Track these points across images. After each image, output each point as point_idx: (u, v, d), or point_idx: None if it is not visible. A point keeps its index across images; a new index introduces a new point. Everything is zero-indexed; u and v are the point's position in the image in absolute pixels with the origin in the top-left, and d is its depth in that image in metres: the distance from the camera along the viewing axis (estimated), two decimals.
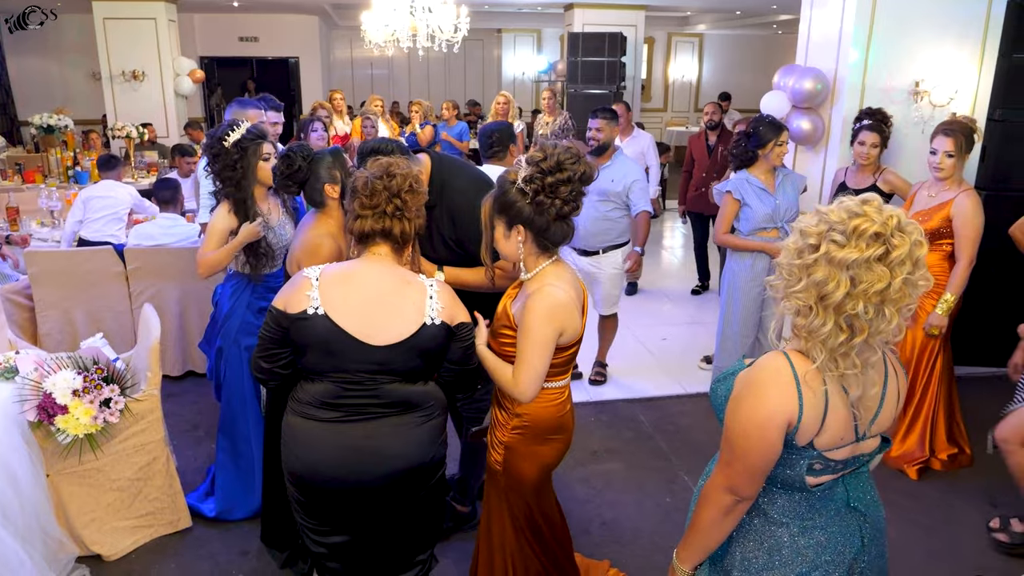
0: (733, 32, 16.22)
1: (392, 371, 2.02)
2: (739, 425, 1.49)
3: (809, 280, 1.40)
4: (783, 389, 1.45)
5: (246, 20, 13.49)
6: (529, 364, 2.09)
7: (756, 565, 1.62)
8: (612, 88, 9.75)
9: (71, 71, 13.05)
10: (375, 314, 2.00)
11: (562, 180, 2.06)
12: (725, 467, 1.54)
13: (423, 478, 2.13)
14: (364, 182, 2.04)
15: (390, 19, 6.99)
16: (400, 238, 2.08)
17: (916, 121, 4.56)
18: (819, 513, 1.60)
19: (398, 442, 2.05)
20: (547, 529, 2.46)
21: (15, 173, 7.84)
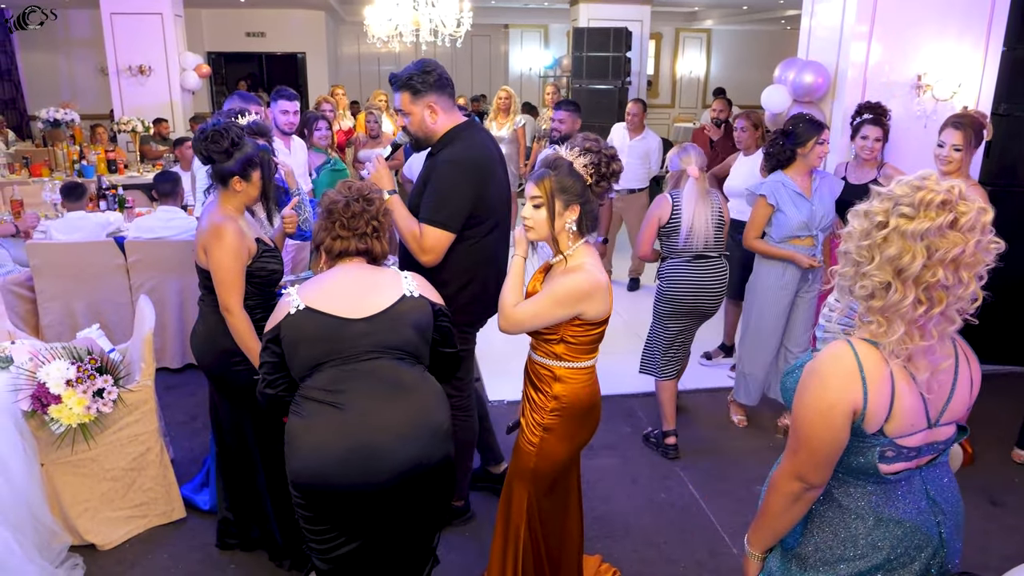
0: (741, 27, 16.13)
1: (381, 344, 2.06)
2: (804, 413, 1.51)
3: (883, 257, 1.41)
4: (846, 376, 1.46)
5: (253, 15, 13.52)
6: (536, 308, 2.23)
7: (831, 555, 1.62)
8: (617, 83, 9.71)
9: (79, 66, 13.11)
10: (353, 294, 2.11)
11: (615, 170, 2.29)
12: (792, 455, 1.56)
13: (433, 475, 2.12)
14: (345, 205, 2.16)
15: (393, 13, 6.99)
16: (377, 256, 2.22)
17: (918, 115, 4.53)
18: (896, 505, 1.59)
19: (391, 432, 2.02)
20: (557, 521, 2.50)
21: (22, 167, 7.89)
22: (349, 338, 2.04)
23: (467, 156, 2.73)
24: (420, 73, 2.70)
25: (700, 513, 3.41)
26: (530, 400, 2.39)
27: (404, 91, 2.72)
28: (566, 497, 2.53)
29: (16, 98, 13.06)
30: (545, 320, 2.23)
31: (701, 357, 5.08)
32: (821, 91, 4.73)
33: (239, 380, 2.66)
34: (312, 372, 2.06)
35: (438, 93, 2.72)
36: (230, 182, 2.66)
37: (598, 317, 2.26)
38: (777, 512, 1.63)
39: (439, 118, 2.74)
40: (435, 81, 2.71)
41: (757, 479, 3.65)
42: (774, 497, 1.62)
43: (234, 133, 2.65)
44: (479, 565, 2.97)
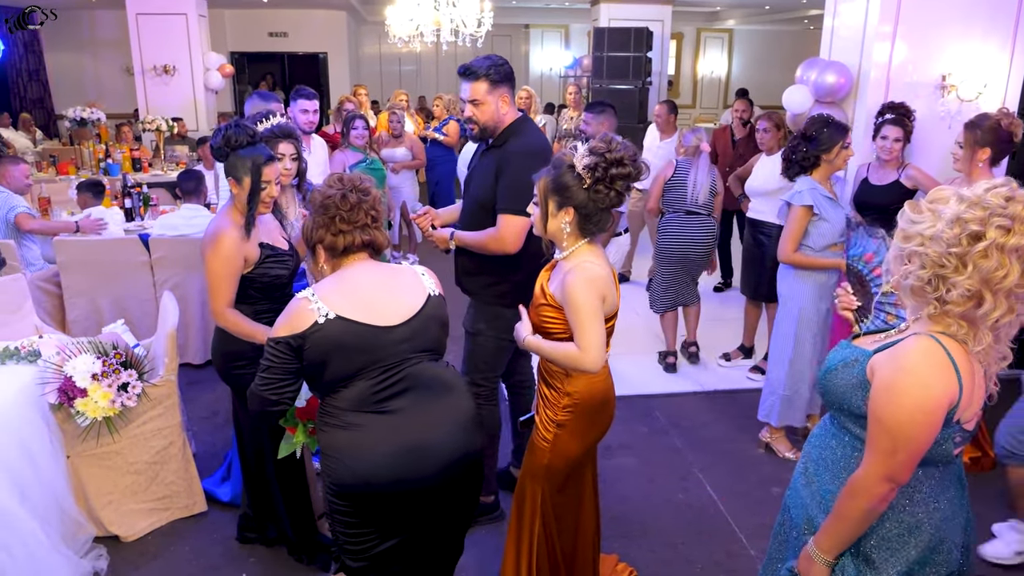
0: (763, 27, 16.04)
1: (418, 348, 2.05)
2: (905, 414, 1.49)
3: (977, 268, 1.42)
4: (944, 372, 1.48)
5: (275, 15, 13.65)
6: (590, 332, 2.17)
7: (895, 544, 1.64)
8: (637, 84, 9.69)
9: (105, 66, 13.31)
10: (382, 299, 2.04)
11: (622, 174, 2.18)
12: (886, 457, 1.52)
13: (475, 466, 2.17)
14: (342, 198, 2.06)
15: (414, 13, 7.02)
16: (380, 247, 2.15)
17: (942, 116, 4.48)
18: (946, 487, 1.65)
19: (446, 430, 2.05)
20: (571, 518, 2.50)
21: (49, 165, 8.02)
22: (390, 345, 1.99)
23: (539, 147, 2.90)
24: (496, 65, 2.84)
25: (717, 514, 3.40)
26: (543, 397, 2.39)
27: (481, 80, 2.82)
28: (580, 494, 2.53)
29: (44, 97, 13.28)
30: (601, 329, 2.19)
31: (720, 358, 5.06)
32: (843, 91, 4.69)
33: (241, 383, 2.59)
34: (348, 382, 1.99)
35: (509, 86, 2.88)
36: (229, 182, 2.68)
37: (608, 313, 2.25)
38: (863, 516, 1.60)
39: (508, 109, 2.89)
40: (508, 73, 2.87)
41: (775, 481, 3.65)
42: (862, 502, 1.58)
43: (231, 134, 2.61)
44: (495, 562, 2.98)
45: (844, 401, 1.66)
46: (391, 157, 7.09)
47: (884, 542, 1.64)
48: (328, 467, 2.03)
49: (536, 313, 2.34)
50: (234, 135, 2.62)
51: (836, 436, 1.74)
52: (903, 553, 1.63)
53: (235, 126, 2.64)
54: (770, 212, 4.54)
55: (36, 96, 13.14)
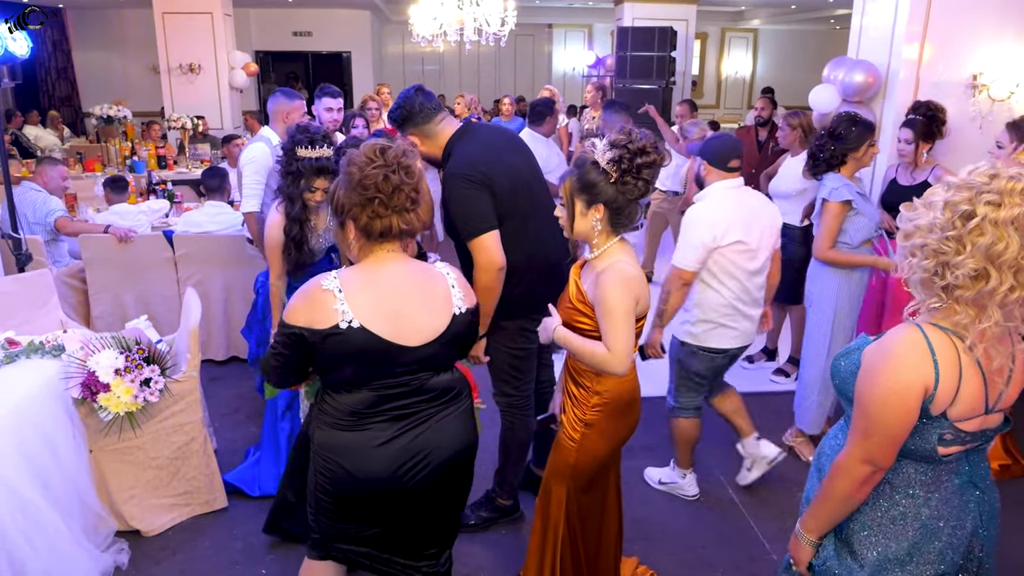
0: (788, 27, 15.89)
1: (432, 365, 2.00)
2: (878, 394, 1.52)
3: (976, 247, 1.42)
4: (920, 358, 1.50)
5: (300, 15, 13.74)
6: (620, 335, 2.15)
7: (877, 535, 1.66)
8: (661, 83, 9.64)
9: (132, 64, 13.48)
10: (408, 315, 1.92)
11: (647, 163, 2.16)
12: (863, 439, 1.57)
13: (469, 463, 2.17)
14: (384, 178, 1.86)
15: (438, 12, 7.03)
16: (419, 229, 2.00)
17: (973, 116, 4.40)
18: (942, 486, 1.63)
19: (448, 434, 2.04)
20: (596, 519, 2.49)
21: (76, 162, 8.12)
22: (403, 363, 1.93)
23: (459, 165, 2.72)
24: (395, 109, 2.78)
25: (739, 517, 3.36)
26: (571, 396, 2.37)
27: (401, 128, 2.81)
28: (604, 496, 2.51)
29: (72, 95, 13.47)
30: (632, 332, 2.17)
31: (743, 360, 5.00)
32: (872, 91, 4.62)
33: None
34: (352, 388, 1.95)
35: (412, 126, 2.77)
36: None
37: (643, 311, 2.24)
38: (843, 497, 1.64)
39: (428, 143, 2.79)
40: (402, 117, 2.76)
41: (798, 484, 3.59)
42: (841, 482, 1.62)
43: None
44: (515, 563, 2.96)
45: (845, 387, 1.69)
46: None
47: (864, 528, 1.67)
48: (323, 466, 1.99)
49: (566, 311, 2.31)
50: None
51: (843, 427, 1.77)
52: (882, 543, 1.65)
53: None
54: (793, 214, 4.48)
55: (64, 94, 13.34)
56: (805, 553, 1.75)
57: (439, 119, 2.79)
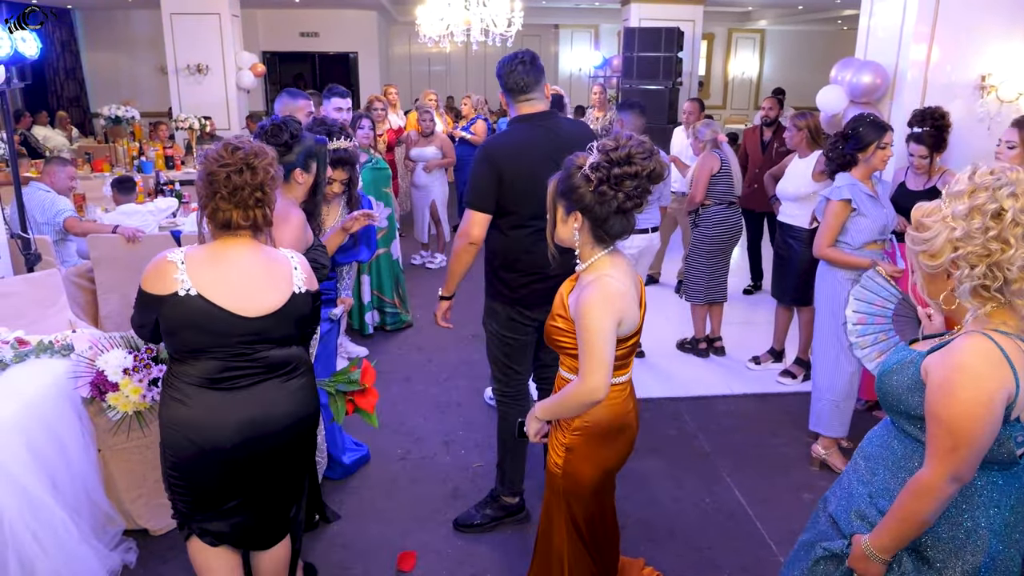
0: (795, 28, 15.85)
1: (269, 339, 2.14)
2: (962, 409, 1.49)
3: (1019, 237, 1.46)
4: (999, 366, 1.49)
5: (307, 15, 13.77)
6: (595, 357, 2.03)
7: (952, 546, 1.63)
8: (668, 84, 9.62)
9: (140, 65, 13.54)
10: (248, 289, 2.09)
11: (628, 174, 2.01)
12: (949, 455, 1.52)
13: (308, 432, 2.31)
14: (226, 177, 2.03)
15: (445, 13, 7.04)
16: (262, 222, 2.13)
17: (981, 117, 4.39)
18: (1010, 492, 1.62)
19: (285, 401, 2.18)
20: (602, 532, 2.42)
21: (85, 162, 8.16)
22: (238, 335, 2.07)
23: (492, 143, 2.94)
24: (499, 76, 2.95)
25: (746, 519, 3.35)
26: (556, 419, 2.28)
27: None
28: (608, 502, 2.46)
29: (80, 96, 13.53)
30: (610, 355, 2.04)
31: (749, 361, 5.00)
32: (879, 92, 4.61)
33: None
34: (191, 357, 2.09)
35: (508, 93, 2.93)
36: (292, 175, 2.72)
37: (626, 333, 2.11)
38: (927, 519, 1.59)
39: (509, 112, 3.01)
40: (505, 84, 2.92)
41: (805, 487, 3.59)
42: (927, 503, 1.57)
43: (292, 127, 2.71)
44: (520, 564, 2.96)
45: (900, 403, 1.66)
46: (421, 156, 7.11)
47: (940, 543, 1.63)
48: (170, 441, 2.13)
49: (551, 324, 2.23)
50: (295, 128, 2.71)
51: (897, 437, 1.74)
52: (962, 555, 1.61)
53: (286, 121, 2.73)
54: (801, 216, 4.48)
55: (72, 94, 13.39)
56: (878, 572, 1.69)
57: (524, 97, 2.90)
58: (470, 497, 3.46)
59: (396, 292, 5.58)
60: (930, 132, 3.92)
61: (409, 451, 3.88)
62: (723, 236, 4.95)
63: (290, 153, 2.69)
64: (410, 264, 7.33)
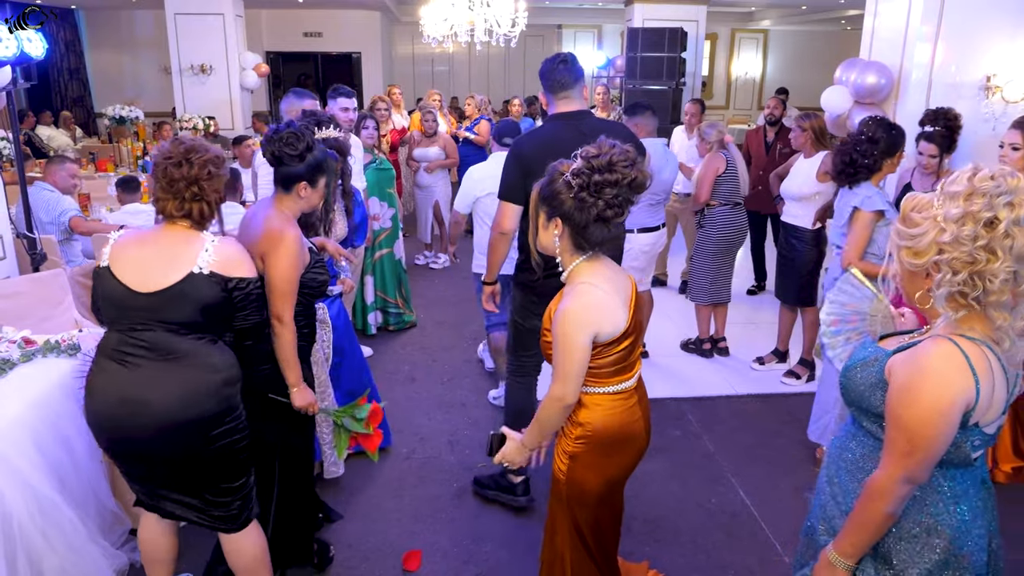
0: (799, 28, 15.85)
1: (165, 320, 2.17)
2: (920, 414, 1.49)
3: (1008, 250, 1.43)
4: (960, 373, 1.48)
5: (310, 15, 13.78)
6: (562, 368, 2.07)
7: (915, 546, 1.63)
8: (671, 84, 9.62)
9: (143, 65, 13.56)
10: (149, 265, 2.17)
11: (609, 181, 1.99)
12: (904, 458, 1.53)
13: (192, 433, 2.20)
14: (163, 169, 2.18)
15: (448, 13, 7.04)
16: (199, 217, 2.23)
17: (986, 117, 4.39)
18: (967, 490, 1.63)
19: (163, 390, 2.17)
20: (609, 538, 2.43)
21: (89, 162, 8.18)
22: (132, 309, 2.17)
23: (522, 138, 3.16)
24: (542, 75, 3.13)
25: (751, 519, 3.36)
26: (561, 428, 2.26)
27: None
28: (616, 509, 2.46)
29: (84, 96, 13.55)
30: (577, 365, 2.05)
31: (753, 362, 5.00)
32: (884, 92, 4.62)
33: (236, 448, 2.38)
34: (106, 329, 2.27)
35: (548, 91, 3.13)
36: (295, 187, 2.54)
37: (610, 336, 2.08)
38: (883, 520, 1.60)
39: (549, 110, 3.19)
40: (546, 82, 3.12)
41: (809, 487, 3.58)
42: (882, 504, 1.58)
43: (308, 138, 2.56)
44: (527, 560, 2.97)
45: (862, 400, 1.67)
46: (424, 157, 7.12)
47: (902, 543, 1.64)
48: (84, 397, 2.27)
49: (542, 339, 2.22)
50: (311, 139, 2.57)
51: (855, 436, 1.75)
52: (923, 555, 1.62)
53: (303, 130, 2.58)
54: (805, 216, 4.48)
55: (76, 95, 13.41)
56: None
57: (563, 95, 3.08)
58: (475, 497, 3.47)
59: (399, 292, 5.59)
60: (941, 132, 3.92)
61: (414, 450, 3.89)
62: (728, 237, 4.94)
63: (300, 163, 2.52)
64: (414, 264, 7.33)
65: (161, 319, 2.17)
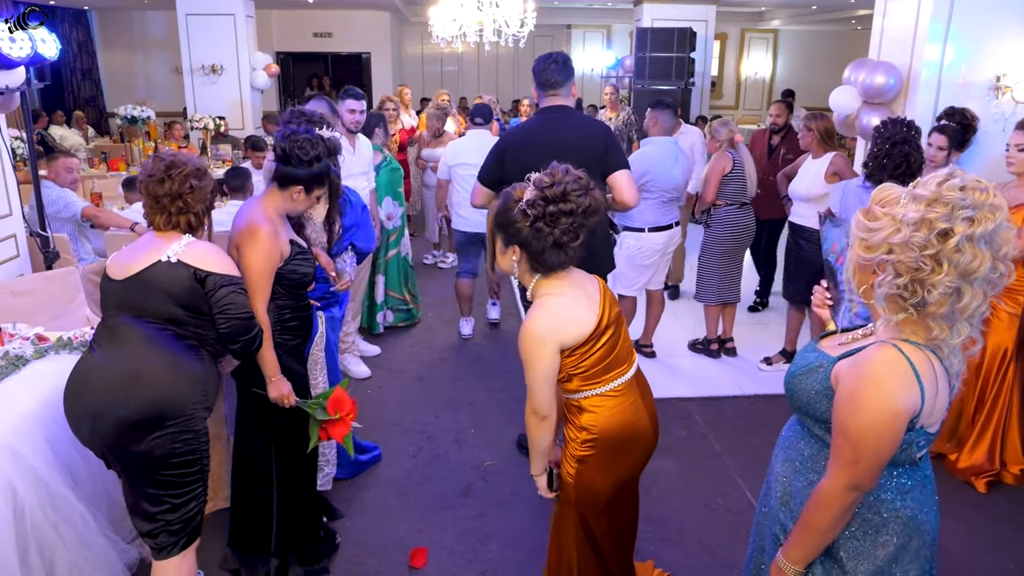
0: (809, 28, 15.79)
1: (127, 306, 2.23)
2: (865, 423, 1.48)
3: (954, 265, 1.41)
4: (905, 382, 1.46)
5: (320, 16, 13.84)
6: (529, 383, 2.11)
7: (864, 544, 1.64)
8: (680, 84, 9.62)
9: (155, 65, 13.66)
10: (129, 257, 2.26)
11: (564, 211, 2.01)
12: (849, 467, 1.52)
13: (129, 430, 2.16)
14: (147, 188, 2.26)
15: (458, 14, 7.07)
16: (187, 227, 2.30)
17: (996, 118, 4.37)
18: (912, 488, 1.64)
19: (100, 382, 2.19)
20: (627, 540, 2.44)
21: (101, 161, 8.25)
22: (108, 296, 2.26)
23: (508, 132, 3.45)
24: (534, 71, 3.42)
25: None
26: (566, 435, 2.28)
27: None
28: (629, 509, 2.46)
29: (96, 96, 13.65)
30: (548, 374, 2.09)
31: (761, 362, 5.00)
32: (893, 92, 4.60)
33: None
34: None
35: (539, 87, 3.43)
36: (291, 188, 2.59)
37: (580, 339, 2.09)
38: (831, 526, 1.60)
39: (540, 104, 3.47)
40: (538, 79, 3.40)
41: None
42: (828, 512, 1.58)
43: (322, 150, 2.59)
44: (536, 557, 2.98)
45: (808, 406, 1.66)
46: (431, 157, 7.14)
47: (849, 542, 1.65)
48: None
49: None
50: (323, 150, 2.60)
51: (803, 438, 1.75)
52: (871, 553, 1.63)
53: (319, 139, 2.61)
54: (813, 217, 4.48)
55: (88, 94, 13.52)
56: None
57: (551, 92, 3.37)
58: (482, 495, 3.49)
59: (406, 288, 5.62)
60: (954, 127, 3.92)
61: (421, 449, 3.91)
62: (735, 236, 4.94)
63: (305, 168, 2.57)
64: (422, 263, 7.36)
65: (128, 306, 2.23)
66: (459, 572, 3.00)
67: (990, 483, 3.61)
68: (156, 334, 2.22)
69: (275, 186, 2.62)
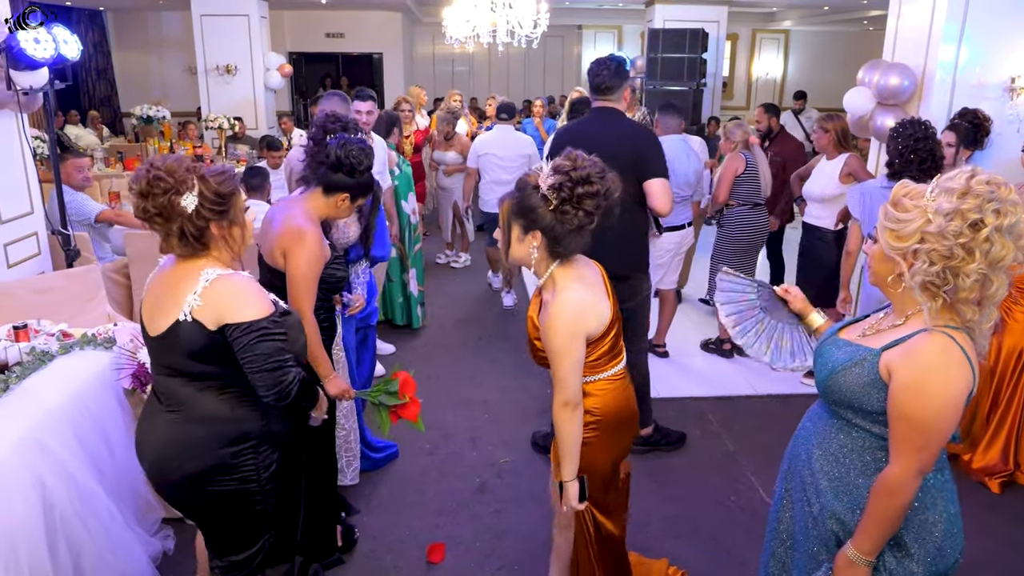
0: (821, 28, 15.75)
1: (161, 363, 2.06)
2: (935, 408, 1.56)
3: (985, 254, 1.51)
4: (960, 365, 1.56)
5: (333, 16, 13.90)
6: (562, 367, 2.11)
7: (925, 527, 1.71)
8: (692, 84, 9.63)
9: (169, 65, 13.74)
10: (156, 305, 2.01)
11: (590, 192, 2.05)
12: (919, 452, 1.60)
13: (186, 485, 2.06)
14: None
15: (471, 15, 7.10)
16: (186, 252, 2.00)
17: (1011, 119, 4.37)
18: (942, 463, 1.74)
19: (152, 436, 2.09)
20: (617, 520, 2.48)
21: (117, 161, 8.32)
22: (151, 349, 2.08)
23: (561, 129, 3.72)
24: (588, 74, 3.56)
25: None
26: None
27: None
28: (626, 487, 2.52)
29: (111, 96, 13.75)
30: (579, 364, 2.12)
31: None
32: (907, 93, 4.60)
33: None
34: None
35: (592, 90, 3.54)
36: (337, 195, 2.62)
37: (602, 328, 2.16)
38: (901, 514, 1.66)
39: (592, 103, 3.64)
40: (591, 83, 3.52)
41: None
42: (900, 499, 1.63)
43: (369, 161, 2.64)
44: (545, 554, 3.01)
45: (854, 400, 1.71)
46: (441, 160, 7.20)
47: (911, 526, 1.70)
48: None
49: (533, 351, 2.28)
50: (372, 162, 2.62)
51: (844, 431, 1.79)
52: (930, 533, 1.70)
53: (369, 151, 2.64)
54: (827, 218, 4.49)
55: (104, 94, 13.62)
56: (863, 575, 1.72)
57: (603, 96, 3.49)
58: (497, 492, 3.52)
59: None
60: (965, 126, 3.93)
61: (437, 446, 3.95)
62: (748, 237, 4.96)
63: (358, 177, 2.60)
64: (435, 263, 7.41)
65: (164, 363, 2.05)
66: (476, 568, 3.04)
67: (1004, 483, 3.62)
68: (187, 386, 2.04)
69: (319, 190, 2.63)
